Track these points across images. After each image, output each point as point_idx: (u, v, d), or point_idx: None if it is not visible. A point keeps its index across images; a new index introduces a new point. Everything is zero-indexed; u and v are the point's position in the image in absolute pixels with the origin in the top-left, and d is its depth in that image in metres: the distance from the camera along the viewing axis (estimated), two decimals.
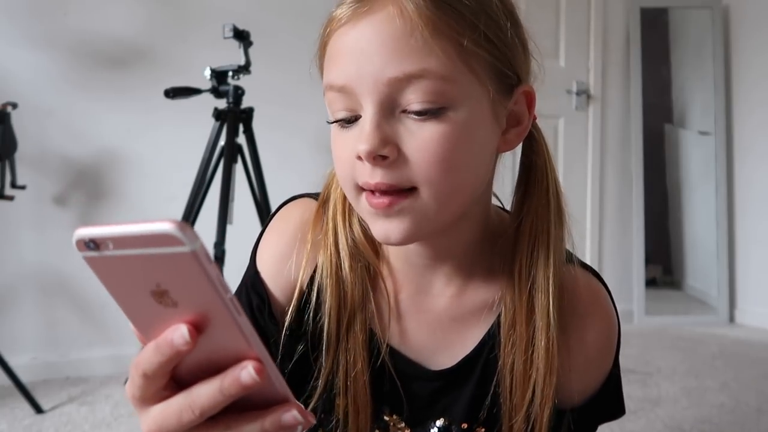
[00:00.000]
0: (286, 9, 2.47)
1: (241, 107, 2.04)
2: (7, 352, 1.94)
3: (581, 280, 0.66)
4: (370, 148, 0.53)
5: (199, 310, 0.38)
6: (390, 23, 0.52)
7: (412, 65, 0.52)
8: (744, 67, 3.34)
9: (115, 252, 0.37)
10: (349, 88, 0.54)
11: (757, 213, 3.26)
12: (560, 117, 3.24)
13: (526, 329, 0.62)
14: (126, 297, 0.40)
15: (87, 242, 0.37)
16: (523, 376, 0.62)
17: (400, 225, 0.56)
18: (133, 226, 0.36)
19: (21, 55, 2.20)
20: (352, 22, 0.54)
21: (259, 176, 2.07)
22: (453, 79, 0.53)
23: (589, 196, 3.31)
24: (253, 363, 0.39)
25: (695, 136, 3.59)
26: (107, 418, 1.83)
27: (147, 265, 0.37)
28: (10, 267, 2.20)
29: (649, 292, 3.34)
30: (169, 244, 0.35)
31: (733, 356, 2.59)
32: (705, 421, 1.84)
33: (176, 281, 0.37)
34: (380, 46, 0.52)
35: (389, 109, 0.54)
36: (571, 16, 3.23)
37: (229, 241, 1.89)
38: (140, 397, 0.42)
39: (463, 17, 0.53)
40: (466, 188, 0.58)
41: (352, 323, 0.65)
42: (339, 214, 0.66)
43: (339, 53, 0.55)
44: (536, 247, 0.62)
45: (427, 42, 0.52)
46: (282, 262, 0.68)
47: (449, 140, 0.54)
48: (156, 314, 0.39)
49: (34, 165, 2.19)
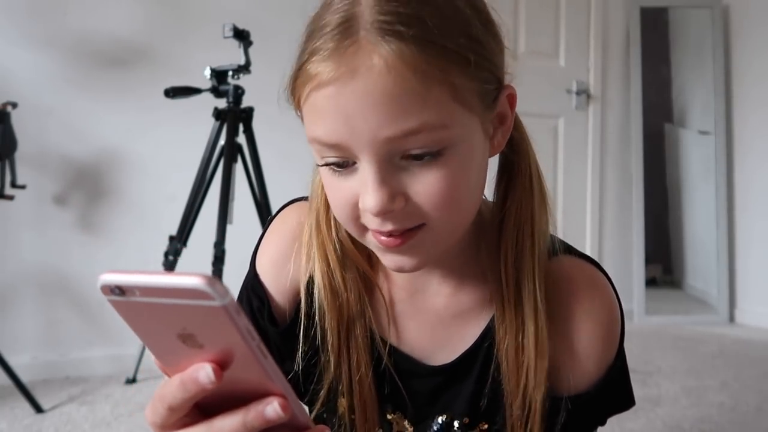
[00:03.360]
0: (286, 8, 2.47)
1: (241, 107, 2.04)
2: (7, 351, 1.94)
3: (572, 267, 0.66)
4: (381, 207, 0.51)
5: (225, 351, 0.39)
6: (378, 81, 0.49)
7: (409, 123, 0.49)
8: (744, 67, 3.33)
9: (141, 299, 0.37)
10: (342, 146, 0.52)
11: (757, 212, 3.26)
12: (560, 117, 3.24)
13: (515, 317, 0.62)
14: (150, 336, 0.40)
15: (112, 288, 0.37)
16: (515, 364, 0.63)
17: (412, 258, 0.56)
18: (163, 278, 0.35)
19: (21, 55, 2.20)
20: (336, 82, 0.50)
21: (259, 176, 2.07)
22: (450, 124, 0.51)
23: (589, 195, 3.31)
24: (278, 399, 0.40)
25: (695, 136, 3.59)
26: (107, 417, 1.83)
27: (174, 312, 0.37)
28: (10, 266, 2.20)
29: (649, 291, 3.34)
30: (198, 298, 0.35)
31: (733, 356, 2.59)
32: (705, 421, 1.84)
33: (203, 328, 0.38)
34: (373, 107, 0.49)
35: (389, 160, 0.52)
36: (571, 16, 3.23)
37: (229, 240, 1.89)
38: (161, 424, 0.43)
39: (450, 54, 0.50)
40: (470, 212, 0.59)
41: (352, 329, 0.66)
42: (324, 225, 0.65)
43: (324, 113, 0.52)
44: (521, 237, 0.63)
45: (421, 95, 0.49)
46: (281, 264, 0.68)
47: (453, 178, 0.53)
48: (181, 353, 0.40)
49: (34, 164, 2.19)
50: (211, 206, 1.97)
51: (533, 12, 3.15)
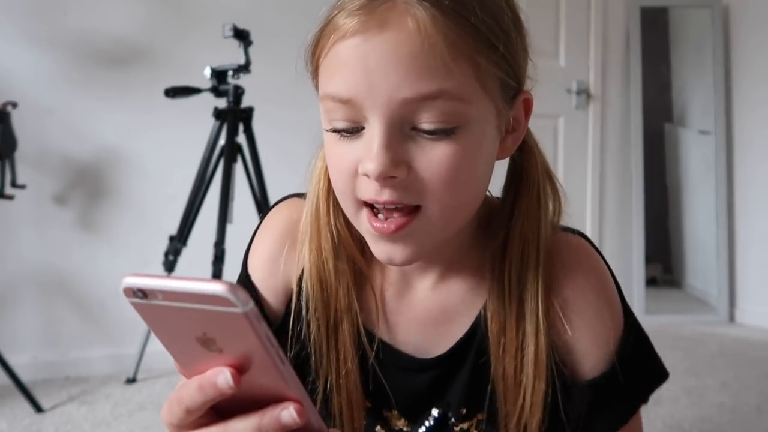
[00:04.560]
0: (286, 8, 2.47)
1: (241, 106, 2.04)
2: (7, 351, 1.94)
3: (559, 241, 0.65)
4: (382, 169, 0.51)
5: (244, 356, 0.39)
6: (407, 40, 0.49)
7: (429, 86, 0.50)
8: (744, 67, 3.33)
9: (163, 302, 0.37)
10: (356, 102, 0.51)
11: (758, 212, 3.26)
12: (560, 116, 3.24)
13: (516, 335, 0.62)
14: (170, 339, 0.41)
15: (135, 291, 0.37)
16: (514, 382, 0.62)
17: (404, 249, 0.56)
18: (186, 283, 0.36)
19: (21, 55, 2.20)
20: (363, 34, 0.50)
21: (259, 175, 2.07)
22: (468, 100, 0.51)
23: (589, 195, 3.30)
24: (294, 405, 0.41)
25: (695, 136, 3.59)
26: (107, 417, 1.83)
27: (195, 316, 0.37)
28: (10, 266, 2.20)
29: (649, 291, 3.34)
30: (220, 304, 0.36)
31: (733, 355, 2.60)
32: (705, 420, 1.84)
33: (224, 333, 0.38)
34: (396, 64, 0.49)
35: (399, 126, 0.52)
36: (571, 16, 3.23)
37: (229, 240, 1.89)
38: (177, 425, 0.44)
39: (480, 34, 0.51)
40: (470, 203, 0.58)
41: (338, 323, 0.65)
42: (323, 213, 0.65)
43: (345, 64, 0.51)
44: (527, 251, 0.62)
45: (446, 62, 0.49)
46: (272, 263, 0.68)
47: (460, 159, 0.52)
48: (200, 356, 0.40)
49: (34, 164, 2.19)
50: (211, 206, 1.97)
51: (533, 11, 3.14)
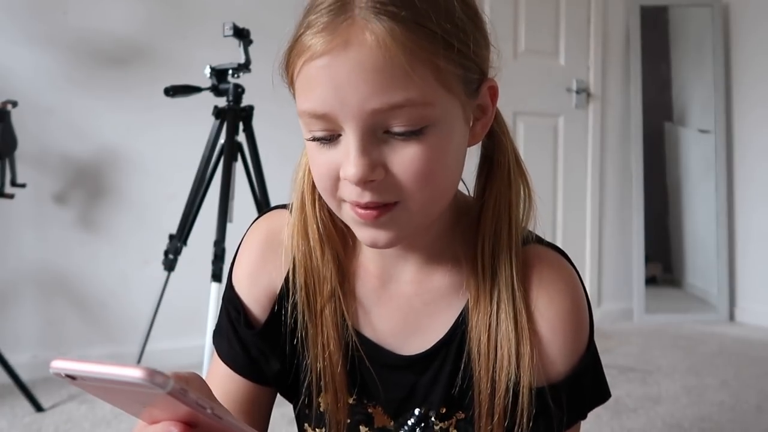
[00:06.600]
0: (286, 7, 2.45)
1: (241, 105, 2.03)
2: (8, 350, 1.94)
3: (537, 253, 0.67)
4: (361, 175, 0.54)
5: (185, 418, 0.42)
6: (369, 55, 0.52)
7: (394, 97, 0.53)
8: (744, 65, 3.34)
9: (92, 382, 0.39)
10: (331, 116, 0.55)
11: (757, 211, 3.26)
12: (560, 115, 3.24)
13: (489, 303, 0.64)
14: (115, 403, 0.43)
15: (63, 375, 0.39)
16: (487, 351, 0.64)
17: (387, 233, 0.59)
18: (107, 369, 0.37)
19: (21, 54, 2.20)
20: (329, 54, 0.53)
21: (259, 174, 2.07)
22: (432, 102, 0.54)
23: (589, 194, 3.31)
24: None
25: (695, 134, 3.59)
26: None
27: (127, 391, 0.39)
28: (10, 265, 2.21)
29: (649, 290, 3.34)
30: (143, 387, 0.37)
31: (733, 354, 2.60)
32: (705, 419, 1.84)
33: (157, 405, 0.41)
34: (363, 79, 0.53)
35: (372, 132, 0.55)
36: (571, 15, 3.23)
37: (229, 239, 1.89)
38: None
39: (436, 37, 0.54)
40: (446, 193, 0.62)
41: (323, 310, 0.68)
42: (308, 204, 0.68)
43: (317, 83, 0.55)
44: (499, 226, 0.65)
45: (407, 71, 0.52)
46: (254, 275, 0.71)
47: (431, 156, 0.56)
48: (148, 412, 0.43)
49: (34, 163, 2.19)
50: (211, 205, 1.97)
51: (533, 11, 3.14)
